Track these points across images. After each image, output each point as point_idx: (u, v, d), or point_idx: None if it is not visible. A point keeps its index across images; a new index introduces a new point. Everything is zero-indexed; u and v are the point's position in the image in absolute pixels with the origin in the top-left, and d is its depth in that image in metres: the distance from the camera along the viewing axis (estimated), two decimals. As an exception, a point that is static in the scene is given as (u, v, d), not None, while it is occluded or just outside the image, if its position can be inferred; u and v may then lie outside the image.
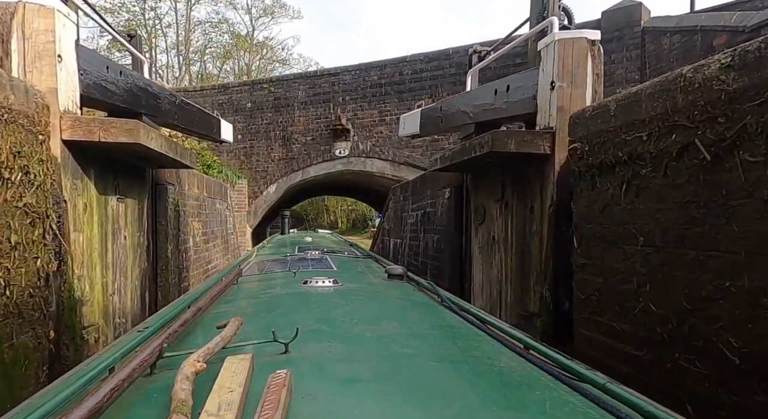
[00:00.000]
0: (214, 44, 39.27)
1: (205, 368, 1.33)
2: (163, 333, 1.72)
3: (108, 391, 1.17)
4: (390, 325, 2.05)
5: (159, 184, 5.51)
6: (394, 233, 9.50)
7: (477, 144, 4.33)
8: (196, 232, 7.12)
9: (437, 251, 6.57)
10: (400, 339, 1.84)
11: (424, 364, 1.57)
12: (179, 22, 37.55)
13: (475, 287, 5.41)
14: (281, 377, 1.20)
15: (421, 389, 1.35)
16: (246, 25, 61.24)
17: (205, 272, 7.73)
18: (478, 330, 2.11)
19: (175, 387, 1.16)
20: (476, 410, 1.24)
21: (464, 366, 1.58)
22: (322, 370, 1.46)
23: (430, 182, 7.08)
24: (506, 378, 1.50)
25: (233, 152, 15.75)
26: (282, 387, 1.14)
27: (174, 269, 5.85)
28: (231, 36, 38.71)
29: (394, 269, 3.71)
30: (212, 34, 40.78)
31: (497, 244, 4.88)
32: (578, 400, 1.35)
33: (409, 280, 3.56)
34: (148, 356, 1.47)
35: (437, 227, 6.61)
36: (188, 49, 38.16)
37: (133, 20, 34.87)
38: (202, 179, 7.78)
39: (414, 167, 13.37)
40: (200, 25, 39.29)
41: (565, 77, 3.86)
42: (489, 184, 5.07)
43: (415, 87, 13.42)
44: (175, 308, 2.39)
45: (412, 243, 7.91)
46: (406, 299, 2.85)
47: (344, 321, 2.08)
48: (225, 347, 1.56)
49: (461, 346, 1.84)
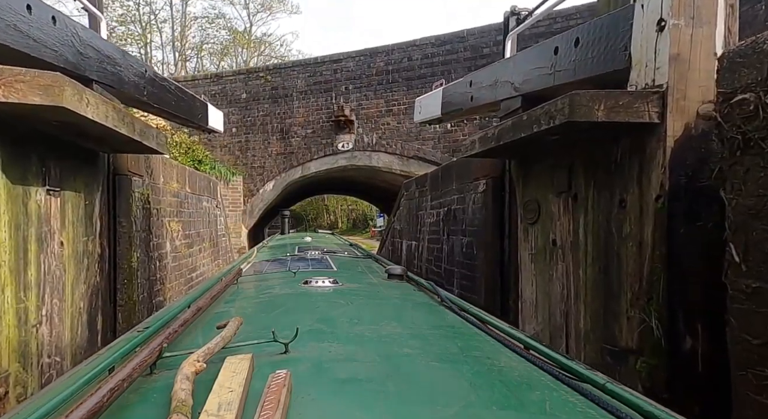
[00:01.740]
0: (211, 40, 38.40)
1: (205, 368, 1.32)
2: (163, 333, 1.71)
3: (108, 391, 1.15)
4: (390, 325, 2.05)
5: (120, 174, 4.32)
6: (407, 234, 8.31)
7: (542, 115, 3.14)
8: (174, 235, 5.93)
9: (467, 257, 5.38)
10: (400, 339, 1.85)
11: (424, 364, 1.56)
12: (175, 17, 36.56)
13: (524, 305, 4.22)
14: (281, 377, 1.20)
15: (421, 389, 1.35)
16: (243, 20, 60.33)
17: (188, 282, 6.54)
18: (478, 330, 2.11)
19: (175, 387, 1.16)
20: (476, 410, 1.23)
21: (464, 366, 1.58)
22: (322, 370, 1.45)
23: (457, 174, 5.89)
24: (506, 378, 1.50)
25: (227, 147, 14.59)
26: (282, 387, 1.15)
27: (142, 282, 4.66)
28: (228, 32, 37.91)
29: (394, 269, 3.69)
30: (209, 29, 39.89)
31: (560, 250, 3.69)
32: (578, 400, 1.34)
33: (409, 280, 3.52)
34: (148, 356, 1.45)
35: (467, 227, 5.42)
36: (184, 46, 37.20)
37: (127, 15, 33.88)
38: (183, 171, 6.58)
39: (425, 162, 12.19)
40: (196, 21, 38.35)
41: (683, 12, 2.67)
42: (546, 171, 3.88)
43: (425, 73, 12.26)
44: (175, 308, 2.38)
45: (432, 247, 6.72)
46: (406, 299, 2.86)
47: (344, 321, 2.09)
48: (225, 347, 1.55)
49: (461, 346, 1.84)
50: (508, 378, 1.48)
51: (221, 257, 9.10)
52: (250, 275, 3.71)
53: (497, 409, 1.24)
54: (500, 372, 1.55)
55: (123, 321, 4.16)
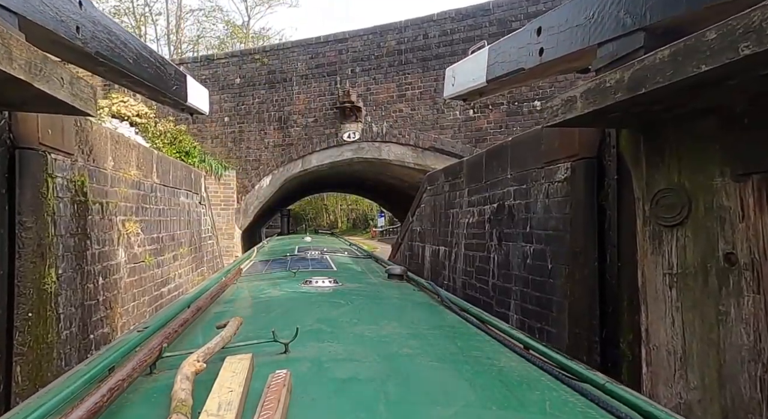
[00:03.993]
0: (208, 34, 37.10)
1: (205, 368, 1.31)
2: (163, 333, 1.69)
3: (107, 391, 1.14)
4: (390, 325, 2.04)
5: (24, 148, 2.79)
6: (432, 237, 6.79)
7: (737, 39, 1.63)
8: (132, 239, 4.40)
9: (536, 272, 3.86)
10: (400, 339, 1.83)
11: (424, 364, 1.55)
12: (170, 9, 35.14)
13: (655, 355, 2.69)
14: (281, 377, 1.20)
15: (421, 389, 1.34)
16: (241, 14, 59.22)
17: (156, 301, 5.01)
18: (478, 330, 2.10)
19: (175, 387, 1.15)
20: (476, 410, 1.23)
21: (464, 366, 1.57)
22: (322, 370, 1.44)
23: (514, 157, 4.38)
24: (506, 378, 1.49)
25: (219, 138, 13.08)
26: (282, 387, 1.14)
27: (68, 311, 3.14)
28: (226, 25, 36.62)
29: (394, 269, 3.68)
30: (205, 23, 38.63)
31: (745, 271, 2.18)
32: (578, 400, 1.34)
33: (409, 280, 3.50)
34: (148, 356, 1.44)
35: (535, 230, 3.91)
36: (180, 39, 35.82)
37: (120, 7, 32.42)
38: (148, 156, 5.05)
39: (443, 154, 10.68)
40: (192, 14, 37.03)
41: None
42: (708, 140, 2.37)
43: (443, 53, 10.75)
44: (175, 308, 2.37)
45: (472, 255, 5.20)
46: (406, 299, 2.87)
47: (344, 321, 2.08)
48: (225, 347, 1.54)
49: (461, 346, 1.83)
50: (508, 378, 1.48)
51: (206, 264, 7.57)
52: (250, 275, 3.71)
53: (497, 409, 1.24)
54: (500, 372, 1.55)
55: (24, 378, 2.63)
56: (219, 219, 12.52)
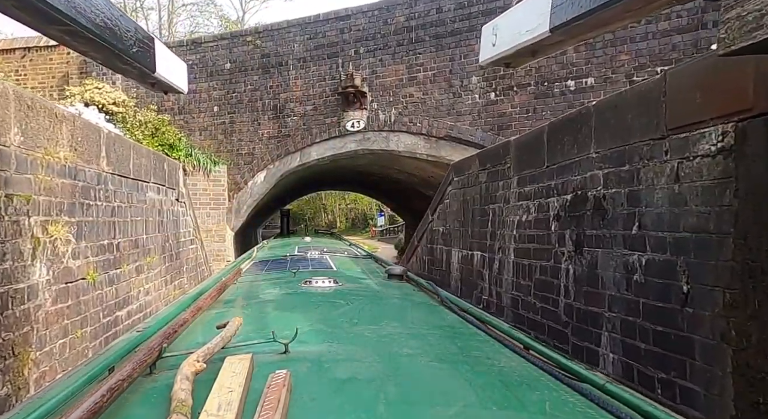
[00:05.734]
0: (201, 29, 35.81)
1: (205, 368, 1.31)
2: (163, 333, 1.68)
3: (107, 391, 1.13)
4: (390, 325, 2.03)
5: None
6: (462, 239, 5.49)
7: None
8: (62, 248, 3.10)
9: (657, 295, 2.57)
10: (400, 339, 1.82)
11: (424, 364, 1.55)
12: (162, 3, 33.78)
13: None
14: (281, 377, 1.19)
15: (421, 389, 1.33)
16: (236, 9, 57.87)
17: (106, 331, 3.72)
18: (478, 330, 2.09)
19: (175, 387, 1.14)
20: (476, 410, 1.23)
21: (464, 366, 1.56)
22: (322, 370, 1.43)
23: (602, 126, 3.09)
24: (506, 378, 1.48)
25: (208, 130, 11.79)
26: (282, 387, 1.14)
27: None
28: (220, 21, 35.38)
29: (393, 269, 3.73)
30: (199, 18, 37.39)
31: None
32: (578, 400, 1.33)
33: (409, 280, 3.51)
34: (148, 356, 1.43)
35: (649, 231, 2.61)
36: (172, 34, 34.51)
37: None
38: (90, 133, 3.73)
39: (461, 143, 9.41)
40: (185, 8, 35.71)
41: None
42: None
43: (460, 28, 9.49)
44: (175, 309, 2.34)
45: (531, 264, 3.91)
46: (406, 299, 2.87)
47: (344, 321, 2.07)
48: (225, 347, 1.53)
49: (461, 346, 1.82)
50: (508, 378, 1.47)
51: (186, 273, 6.26)
52: (250, 275, 3.72)
53: (497, 409, 1.23)
54: (500, 372, 1.54)
55: None
56: (208, 220, 11.23)
